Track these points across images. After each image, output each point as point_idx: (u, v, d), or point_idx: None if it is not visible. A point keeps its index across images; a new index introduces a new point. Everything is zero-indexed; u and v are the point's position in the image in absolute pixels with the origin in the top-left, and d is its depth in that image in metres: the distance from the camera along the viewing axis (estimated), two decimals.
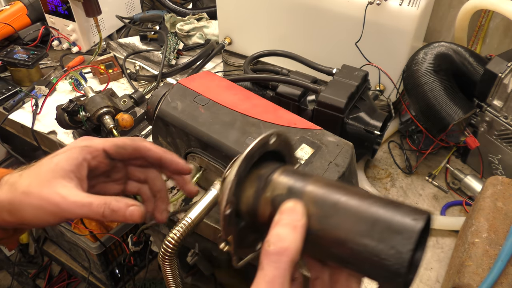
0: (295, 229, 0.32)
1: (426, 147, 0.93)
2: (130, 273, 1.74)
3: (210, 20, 1.33)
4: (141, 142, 0.50)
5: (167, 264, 0.77)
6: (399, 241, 0.29)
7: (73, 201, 0.44)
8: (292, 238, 0.31)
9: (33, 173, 0.46)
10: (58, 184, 0.44)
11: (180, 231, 0.74)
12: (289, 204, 0.33)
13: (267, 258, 0.31)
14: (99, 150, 0.49)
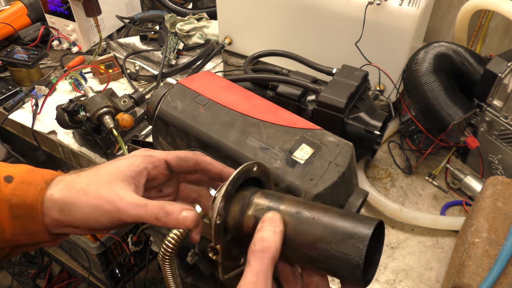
0: (275, 233, 0.39)
1: (426, 147, 0.93)
2: (130, 273, 1.74)
3: (210, 20, 1.33)
4: (202, 156, 0.51)
5: (167, 264, 0.77)
6: (357, 240, 0.37)
7: (129, 201, 0.44)
8: (273, 240, 0.39)
9: (92, 174, 0.47)
10: (117, 186, 0.45)
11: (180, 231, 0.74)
12: (269, 214, 0.41)
13: (253, 255, 0.38)
14: (161, 160, 0.50)
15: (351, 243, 0.37)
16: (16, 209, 0.46)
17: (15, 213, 0.46)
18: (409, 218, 0.82)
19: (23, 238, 0.47)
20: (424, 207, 0.87)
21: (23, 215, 0.46)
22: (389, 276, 0.75)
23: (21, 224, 0.46)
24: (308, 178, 0.66)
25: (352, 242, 0.37)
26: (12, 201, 0.46)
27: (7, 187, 0.46)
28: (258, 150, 0.70)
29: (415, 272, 0.75)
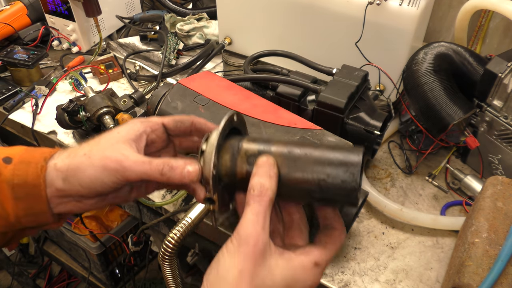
0: (270, 177, 0.42)
1: (426, 147, 0.93)
2: (130, 273, 1.74)
3: (210, 20, 1.33)
4: (197, 118, 0.53)
5: (167, 264, 0.77)
6: (351, 167, 0.42)
7: (134, 159, 0.45)
8: (269, 184, 0.42)
9: (93, 142, 0.48)
10: (120, 147, 0.46)
11: (180, 231, 0.74)
12: (263, 158, 0.43)
13: (253, 199, 0.41)
14: (159, 124, 0.51)
15: (345, 169, 0.42)
16: (18, 190, 0.46)
17: (18, 194, 0.46)
18: (409, 218, 0.82)
19: (27, 220, 0.47)
20: (424, 207, 0.87)
21: (25, 195, 0.46)
22: (389, 276, 0.75)
23: (25, 205, 0.46)
24: None
25: (346, 169, 0.42)
26: (13, 181, 0.46)
27: (6, 168, 0.46)
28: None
29: (415, 272, 0.75)
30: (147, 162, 0.45)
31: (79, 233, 1.57)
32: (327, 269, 0.75)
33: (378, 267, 0.76)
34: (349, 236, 0.81)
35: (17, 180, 0.46)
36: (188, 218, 0.74)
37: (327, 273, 0.75)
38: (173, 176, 0.45)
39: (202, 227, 0.87)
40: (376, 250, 0.79)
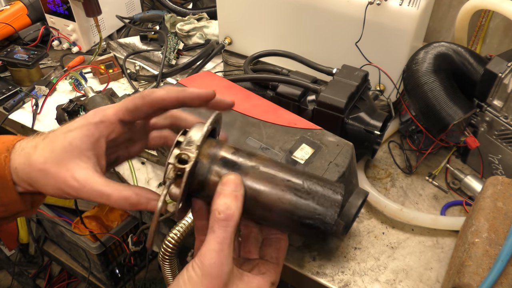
0: (236, 198, 0.39)
1: (426, 147, 0.93)
2: (130, 273, 1.74)
3: (210, 20, 1.33)
4: (152, 95, 0.46)
5: (167, 264, 0.77)
6: (324, 218, 0.40)
7: (91, 188, 0.42)
8: (235, 206, 0.39)
9: (48, 149, 0.44)
10: (75, 166, 0.43)
11: (180, 231, 0.74)
12: (230, 176, 0.40)
13: (218, 224, 0.39)
14: (115, 123, 0.46)
15: (318, 217, 0.40)
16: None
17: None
18: (409, 218, 0.82)
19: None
20: (424, 207, 0.87)
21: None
22: (389, 276, 0.75)
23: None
24: None
25: (319, 217, 0.40)
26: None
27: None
28: (258, 150, 0.70)
29: (415, 272, 0.75)
30: (105, 196, 0.42)
31: (79, 233, 1.56)
32: (327, 269, 0.75)
33: (378, 267, 0.76)
34: (349, 236, 0.81)
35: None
36: (188, 218, 0.74)
37: (327, 273, 0.75)
38: (136, 210, 0.44)
39: None
40: (376, 250, 0.79)
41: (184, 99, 0.47)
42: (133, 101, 0.46)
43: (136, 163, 0.96)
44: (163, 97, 0.46)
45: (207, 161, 0.42)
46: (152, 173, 0.95)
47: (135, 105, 0.46)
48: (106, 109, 0.46)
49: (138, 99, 0.46)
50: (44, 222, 1.72)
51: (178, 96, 0.46)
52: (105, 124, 0.45)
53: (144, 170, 0.95)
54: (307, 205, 0.41)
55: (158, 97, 0.46)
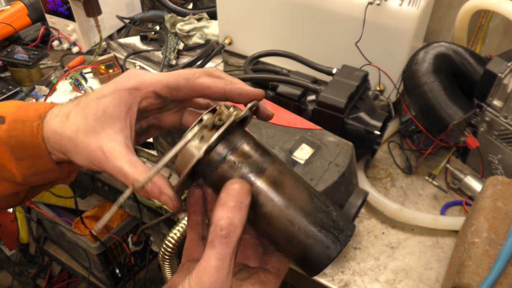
0: (240, 210, 0.35)
1: (426, 147, 0.93)
2: (130, 273, 1.74)
3: (210, 20, 1.33)
4: (198, 80, 0.42)
5: (167, 264, 0.77)
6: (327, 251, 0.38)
7: (113, 163, 0.40)
8: (239, 220, 0.35)
9: (80, 117, 0.42)
10: (106, 137, 0.41)
11: (180, 231, 0.74)
12: (236, 185, 0.36)
13: (218, 240, 0.35)
14: (150, 92, 0.43)
15: (321, 248, 0.38)
16: (18, 151, 0.42)
17: (19, 155, 0.43)
18: (409, 218, 0.82)
19: (35, 179, 0.44)
20: (424, 207, 0.87)
21: (27, 155, 0.43)
22: (389, 276, 0.75)
23: (29, 164, 0.43)
24: (308, 178, 0.66)
25: (322, 248, 0.38)
26: (11, 143, 0.42)
27: (1, 129, 0.42)
28: None
29: (415, 272, 0.75)
30: (123, 174, 0.40)
31: (79, 233, 1.57)
32: (327, 269, 0.75)
33: (378, 267, 0.76)
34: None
35: (14, 141, 0.42)
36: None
37: (327, 273, 0.75)
38: (152, 197, 0.41)
39: None
40: (376, 250, 0.79)
41: (231, 93, 0.42)
42: (175, 79, 0.42)
43: None
44: (208, 85, 0.42)
45: (227, 147, 0.38)
46: None
47: (177, 84, 0.42)
48: (143, 75, 0.43)
49: (182, 79, 0.42)
50: (44, 222, 1.72)
51: (225, 89, 0.42)
52: (140, 92, 0.42)
53: None
54: (320, 240, 0.37)
55: (203, 84, 0.42)
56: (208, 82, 0.42)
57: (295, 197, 0.38)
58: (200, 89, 0.42)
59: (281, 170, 0.39)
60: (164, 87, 0.42)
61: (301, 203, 0.38)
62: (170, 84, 0.42)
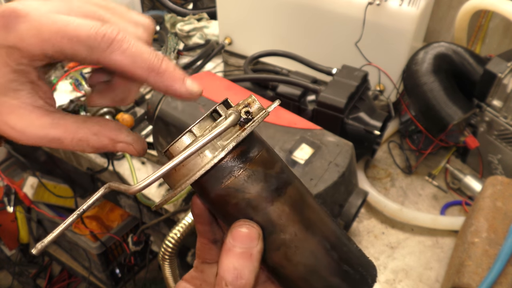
0: (251, 258, 0.29)
1: (426, 147, 0.94)
2: (131, 273, 1.74)
3: (210, 20, 1.33)
4: (109, 56, 0.30)
5: (167, 264, 0.77)
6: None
7: (34, 135, 0.31)
8: (249, 270, 0.29)
9: None
10: (2, 109, 0.30)
11: (180, 231, 0.75)
12: (243, 229, 0.29)
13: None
14: (36, 55, 0.29)
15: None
16: None
17: None
18: (409, 218, 0.82)
19: None
20: (424, 207, 0.87)
21: None
22: (389, 276, 0.75)
23: None
24: (308, 178, 0.66)
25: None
26: None
27: None
28: None
29: (415, 272, 0.75)
30: (55, 140, 0.31)
31: (80, 233, 1.57)
32: None
33: (378, 267, 0.76)
34: (349, 236, 0.81)
35: None
36: (188, 218, 0.74)
37: None
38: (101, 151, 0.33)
39: None
40: (376, 250, 0.79)
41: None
42: (72, 45, 0.29)
43: (136, 163, 0.97)
44: (125, 68, 0.30)
45: (241, 154, 0.30)
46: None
47: (75, 53, 0.29)
48: (23, 22, 0.29)
49: (83, 48, 0.29)
50: (44, 222, 1.73)
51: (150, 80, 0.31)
52: (21, 54, 0.29)
53: (144, 170, 0.95)
54: (346, 279, 0.32)
55: (117, 65, 0.30)
56: (125, 64, 0.30)
57: (319, 224, 0.31)
58: (111, 68, 0.30)
59: (302, 189, 0.32)
60: (54, 50, 0.29)
61: (326, 231, 0.31)
62: (65, 50, 0.29)
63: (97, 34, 0.29)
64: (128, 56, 0.30)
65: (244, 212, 0.29)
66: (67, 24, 0.29)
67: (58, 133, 0.31)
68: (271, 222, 0.29)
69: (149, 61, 0.30)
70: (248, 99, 0.30)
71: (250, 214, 0.29)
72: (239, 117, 0.29)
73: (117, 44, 0.30)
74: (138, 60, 0.30)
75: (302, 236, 0.30)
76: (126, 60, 0.30)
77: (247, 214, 0.30)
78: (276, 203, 0.29)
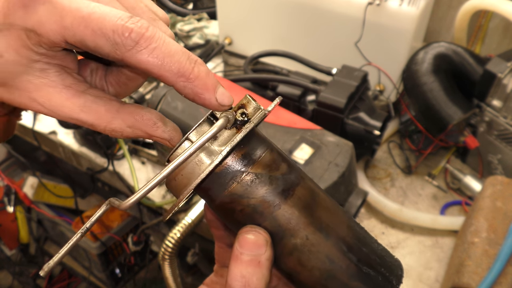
0: (259, 266, 0.28)
1: (425, 147, 0.94)
2: (131, 273, 1.74)
3: (210, 20, 1.33)
4: (135, 56, 0.27)
5: (167, 263, 0.77)
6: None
7: (65, 115, 0.29)
8: (258, 278, 0.28)
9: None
10: (30, 86, 0.28)
11: (180, 231, 0.75)
12: (250, 236, 0.28)
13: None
14: (54, 42, 0.27)
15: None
16: None
17: None
18: (409, 218, 0.82)
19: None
20: (423, 207, 0.87)
21: None
22: None
23: None
24: None
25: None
26: None
27: None
28: None
29: (414, 271, 0.76)
30: (88, 125, 0.29)
31: None
32: None
33: None
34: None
35: None
36: (188, 218, 0.74)
37: None
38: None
39: (202, 227, 0.87)
40: None
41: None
42: (94, 37, 0.26)
43: (136, 163, 0.97)
44: (149, 69, 0.28)
45: (244, 156, 0.28)
46: (153, 173, 0.95)
47: (96, 46, 0.27)
48: (42, 12, 0.26)
49: (105, 42, 0.26)
50: (45, 222, 1.73)
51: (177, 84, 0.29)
52: (41, 39, 0.27)
53: (144, 170, 0.95)
54: (368, 283, 0.29)
55: (141, 65, 0.27)
56: (152, 65, 0.27)
57: (333, 224, 0.29)
58: (136, 68, 0.28)
59: (312, 188, 0.29)
60: (75, 40, 0.27)
61: (342, 232, 0.29)
62: (87, 42, 0.27)
63: (124, 29, 0.26)
64: (157, 56, 0.27)
65: (251, 218, 0.28)
66: (92, 12, 0.26)
67: (90, 119, 0.29)
68: (280, 226, 0.28)
69: (179, 64, 0.27)
70: (243, 100, 0.29)
71: (258, 220, 0.28)
72: (229, 120, 0.28)
73: (145, 42, 0.26)
74: (167, 62, 0.27)
75: (315, 239, 0.28)
76: (154, 61, 0.27)
77: (254, 220, 0.28)
78: (284, 206, 0.28)
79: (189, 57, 0.28)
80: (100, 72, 0.33)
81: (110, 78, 0.33)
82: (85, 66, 0.32)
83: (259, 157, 0.28)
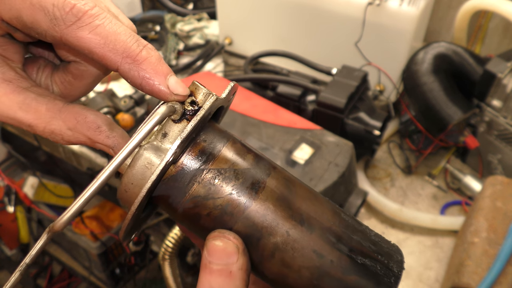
0: (230, 276, 0.24)
1: (425, 147, 0.94)
2: (131, 273, 1.74)
3: (210, 20, 1.33)
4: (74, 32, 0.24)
5: (167, 263, 0.77)
6: None
7: (4, 116, 0.27)
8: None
9: None
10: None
11: (180, 231, 0.75)
12: (218, 243, 0.24)
13: None
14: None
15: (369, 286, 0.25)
16: None
17: None
18: (409, 218, 0.82)
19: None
20: (423, 207, 0.87)
21: None
22: None
23: None
24: (308, 178, 0.66)
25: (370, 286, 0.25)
26: None
27: None
28: None
29: (414, 271, 0.76)
30: (25, 126, 0.27)
31: (80, 233, 1.57)
32: None
33: None
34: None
35: None
36: None
37: None
38: None
39: None
40: None
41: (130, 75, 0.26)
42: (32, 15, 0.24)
43: None
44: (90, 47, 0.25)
45: (202, 152, 0.25)
46: None
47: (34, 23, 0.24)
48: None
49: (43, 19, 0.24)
50: (45, 222, 1.73)
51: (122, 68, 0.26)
52: None
53: None
54: (365, 274, 0.25)
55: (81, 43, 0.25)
56: (94, 44, 0.24)
57: (316, 214, 0.25)
58: (76, 48, 0.25)
59: (287, 176, 0.26)
60: (11, 15, 0.25)
61: (326, 222, 0.25)
62: (23, 17, 0.24)
63: (65, 3, 0.23)
64: (99, 34, 0.24)
65: (220, 222, 0.24)
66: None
67: (28, 118, 0.26)
68: (255, 226, 0.24)
69: (125, 44, 0.24)
70: (190, 87, 0.26)
71: (228, 222, 0.24)
72: (176, 110, 0.24)
73: (88, 18, 0.24)
74: (111, 40, 0.24)
75: (297, 234, 0.24)
76: (96, 39, 0.24)
77: (224, 224, 0.24)
78: (256, 202, 0.24)
79: (138, 40, 0.25)
80: (48, 70, 0.30)
81: (56, 77, 0.30)
82: (33, 62, 0.30)
83: (219, 151, 0.25)
